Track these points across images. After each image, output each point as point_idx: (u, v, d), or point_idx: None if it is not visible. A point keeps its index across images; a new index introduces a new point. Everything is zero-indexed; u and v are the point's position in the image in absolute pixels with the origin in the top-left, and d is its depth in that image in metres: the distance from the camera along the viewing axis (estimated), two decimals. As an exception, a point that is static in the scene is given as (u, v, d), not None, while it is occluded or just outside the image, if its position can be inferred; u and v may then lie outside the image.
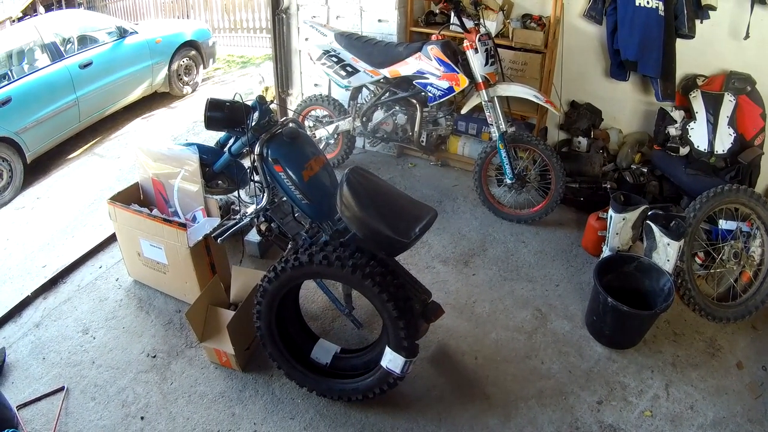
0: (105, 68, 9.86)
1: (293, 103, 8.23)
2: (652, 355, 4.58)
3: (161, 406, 4.36)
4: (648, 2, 5.71)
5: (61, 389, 4.56)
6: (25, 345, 5.07)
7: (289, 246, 4.40)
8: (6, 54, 8.96)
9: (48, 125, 8.95)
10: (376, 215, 3.52)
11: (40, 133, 8.86)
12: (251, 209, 4.39)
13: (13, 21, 15.54)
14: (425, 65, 5.76)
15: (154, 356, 4.81)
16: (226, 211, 5.55)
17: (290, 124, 4.30)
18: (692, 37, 5.79)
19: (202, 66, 12.21)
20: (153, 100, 11.46)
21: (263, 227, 4.42)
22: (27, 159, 8.67)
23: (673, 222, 4.79)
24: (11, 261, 6.43)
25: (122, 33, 10.37)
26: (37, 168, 8.99)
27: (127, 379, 4.62)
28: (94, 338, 5.06)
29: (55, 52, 9.25)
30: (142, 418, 4.29)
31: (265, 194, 4.25)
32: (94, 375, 4.68)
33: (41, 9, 15.64)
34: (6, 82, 8.56)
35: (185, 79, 11.84)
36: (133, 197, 5.47)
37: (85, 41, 9.93)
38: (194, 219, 5.12)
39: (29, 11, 15.81)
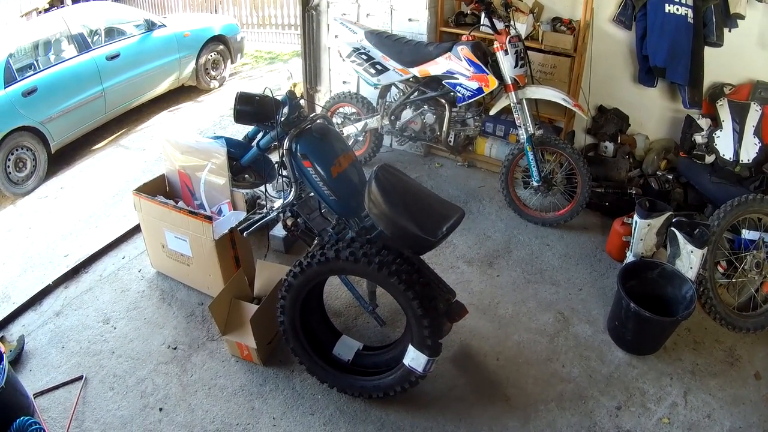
0: (132, 60, 9.92)
1: (321, 99, 8.23)
2: (672, 362, 4.55)
3: (180, 397, 4.37)
4: (677, 9, 5.69)
5: (80, 378, 4.58)
6: (45, 333, 5.10)
7: (315, 241, 4.40)
8: (32, 44, 9.00)
9: (73, 116, 9.00)
10: (403, 213, 3.51)
11: (66, 124, 8.92)
12: (278, 204, 4.38)
13: (40, 12, 15.61)
14: (455, 65, 5.75)
15: (175, 348, 4.82)
16: (252, 205, 5.56)
17: (319, 120, 4.30)
18: (720, 45, 5.78)
19: (229, 61, 12.23)
20: (180, 94, 11.49)
21: (289, 222, 4.41)
22: (51, 149, 8.74)
23: (697, 230, 4.76)
24: (33, 249, 6.47)
25: (150, 26, 10.42)
26: (62, 158, 9.03)
27: (146, 370, 4.63)
28: (115, 328, 5.09)
29: (83, 44, 9.30)
30: (160, 409, 4.30)
31: (293, 189, 4.24)
32: (114, 365, 4.70)
33: (68, 0, 15.69)
34: (32, 72, 8.63)
35: (212, 73, 11.87)
36: (159, 189, 5.48)
37: (112, 33, 9.99)
38: (220, 212, 5.12)
39: (56, 2, 15.86)
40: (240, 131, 5.99)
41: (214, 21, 12.26)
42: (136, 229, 6.18)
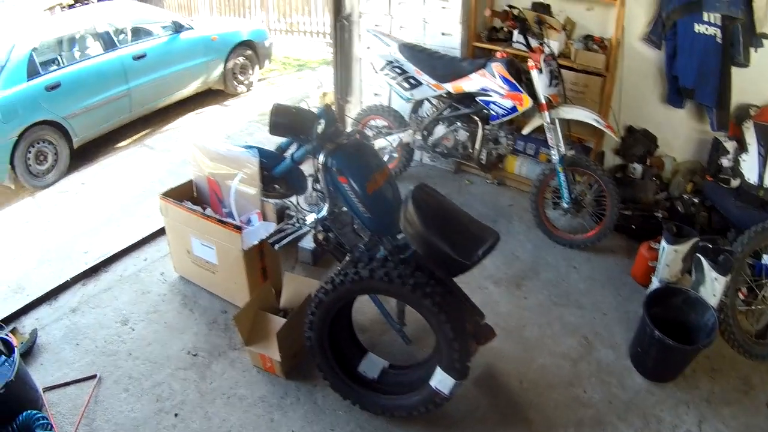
0: (159, 61, 9.96)
1: (351, 110, 8.19)
2: (690, 390, 4.51)
3: (197, 404, 4.35)
4: (707, 29, 5.64)
5: (93, 377, 4.57)
6: (59, 329, 5.10)
7: (347, 257, 4.36)
8: (56, 39, 9.09)
9: (97, 113, 9.05)
10: (439, 235, 3.46)
11: (89, 120, 8.97)
12: (310, 218, 4.34)
13: (64, 7, 15.63)
14: (489, 83, 5.72)
15: (195, 354, 4.80)
16: (281, 215, 5.53)
17: (356, 136, 4.27)
18: (747, 65, 5.72)
19: (257, 66, 12.22)
20: (206, 97, 11.52)
21: (321, 236, 4.38)
22: (74, 144, 8.79)
23: (722, 256, 4.72)
24: (51, 243, 6.49)
25: (178, 27, 10.44)
26: (84, 154, 9.07)
27: (164, 374, 4.61)
28: (133, 330, 5.08)
29: (108, 42, 9.36)
30: (176, 414, 4.28)
31: (326, 204, 4.19)
32: (130, 366, 4.69)
33: (93, -3, 15.72)
34: (56, 67, 8.69)
35: (240, 78, 11.87)
36: (186, 194, 5.47)
37: (138, 33, 10.05)
38: (249, 222, 5.10)
39: (81, -1, 15.90)
40: (269, 139, 5.95)
41: (243, 25, 12.33)
42: (160, 232, 6.17)
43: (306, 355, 4.27)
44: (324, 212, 4.20)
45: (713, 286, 4.68)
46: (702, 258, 4.78)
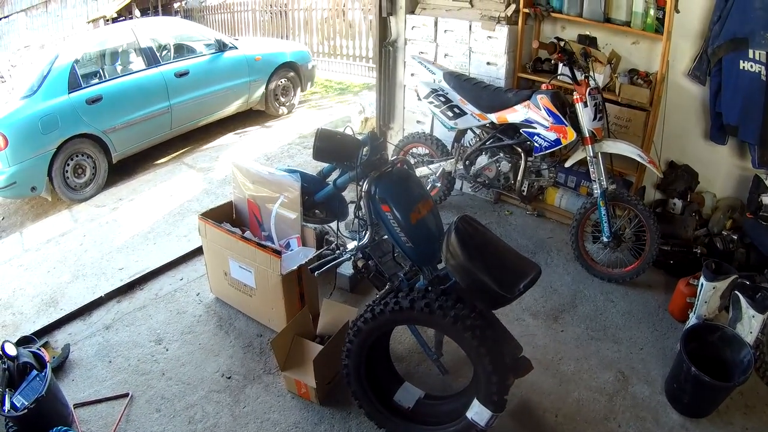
0: (201, 79, 10.04)
1: (393, 137, 8.23)
2: (723, 426, 4.43)
3: (230, 428, 4.33)
4: (752, 66, 5.59)
5: (126, 395, 4.58)
6: (92, 345, 5.13)
7: (387, 286, 4.33)
8: (99, 52, 9.17)
9: (138, 129, 9.14)
10: (482, 267, 3.45)
11: (129, 136, 9.06)
12: (351, 245, 4.33)
13: (108, 21, 15.84)
14: (534, 114, 5.71)
15: (229, 377, 4.79)
16: (319, 240, 5.53)
17: (400, 164, 4.26)
18: (791, 103, 5.68)
19: (299, 88, 12.29)
20: (247, 117, 11.62)
21: (361, 264, 4.33)
22: (113, 159, 8.88)
23: (760, 294, 4.68)
24: (86, 257, 6.54)
25: (221, 46, 10.55)
26: (123, 169, 9.16)
27: (197, 396, 4.60)
28: (167, 350, 5.09)
29: (151, 58, 9.46)
30: (208, 437, 4.25)
31: (368, 232, 4.17)
32: (163, 387, 4.69)
33: (137, 12, 15.93)
34: (97, 81, 8.78)
35: (282, 99, 11.95)
36: (226, 215, 5.50)
37: (182, 50, 10.15)
38: (288, 246, 5.11)
39: (124, 13, 16.11)
40: (309, 162, 5.96)
41: (286, 47, 12.39)
42: (197, 252, 6.20)
43: (341, 382, 4.26)
44: (365, 240, 4.18)
45: (750, 324, 4.64)
46: (740, 295, 4.74)
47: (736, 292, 4.80)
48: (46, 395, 3.94)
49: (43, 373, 4.10)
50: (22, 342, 4.88)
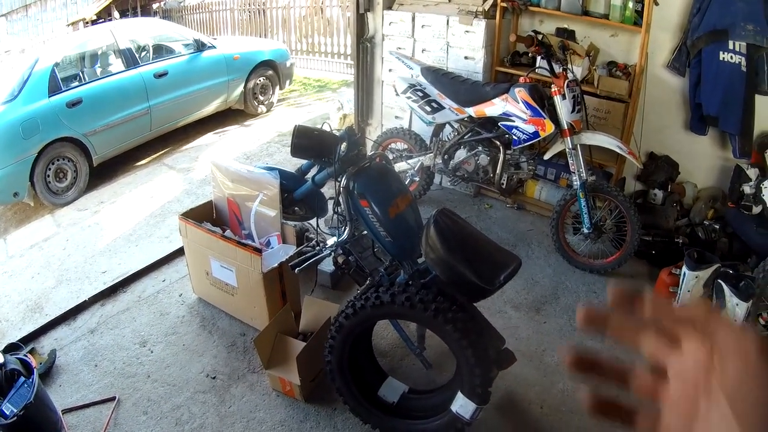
0: (180, 80, 10.02)
1: (372, 133, 8.25)
2: (707, 412, 4.45)
3: (217, 428, 4.31)
4: (731, 57, 5.64)
5: (112, 399, 4.55)
6: (78, 350, 5.10)
7: (367, 281, 4.35)
8: (79, 55, 9.15)
9: (118, 131, 9.12)
10: (461, 260, 3.45)
11: (109, 138, 9.04)
12: (331, 241, 4.33)
13: (87, 23, 15.78)
14: (512, 108, 5.72)
15: (214, 377, 4.77)
16: (300, 238, 5.53)
17: (379, 159, 4.26)
18: (772, 93, 5.72)
19: (278, 86, 12.31)
20: (227, 116, 11.61)
21: (341, 260, 4.34)
22: (93, 161, 8.87)
23: (743, 282, 4.72)
24: (70, 262, 6.52)
25: (200, 46, 10.54)
26: (103, 172, 9.13)
27: (183, 397, 4.58)
28: (152, 352, 5.06)
29: (130, 59, 9.44)
30: (195, 438, 4.24)
31: (347, 228, 4.18)
32: (149, 389, 4.67)
33: (116, 14, 15.89)
34: (77, 83, 8.76)
35: (261, 98, 11.95)
36: (206, 215, 5.48)
37: (160, 51, 10.14)
38: (269, 244, 5.10)
39: (103, 15, 16.06)
40: (288, 159, 5.95)
41: (264, 45, 12.43)
42: (179, 253, 6.18)
43: (326, 379, 4.25)
44: (344, 236, 4.18)
45: (734, 312, 4.66)
46: (723, 284, 4.77)
47: (719, 280, 4.83)
48: (35, 402, 3.92)
49: (30, 380, 4.07)
50: (9, 349, 4.86)
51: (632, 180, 6.87)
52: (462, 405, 3.67)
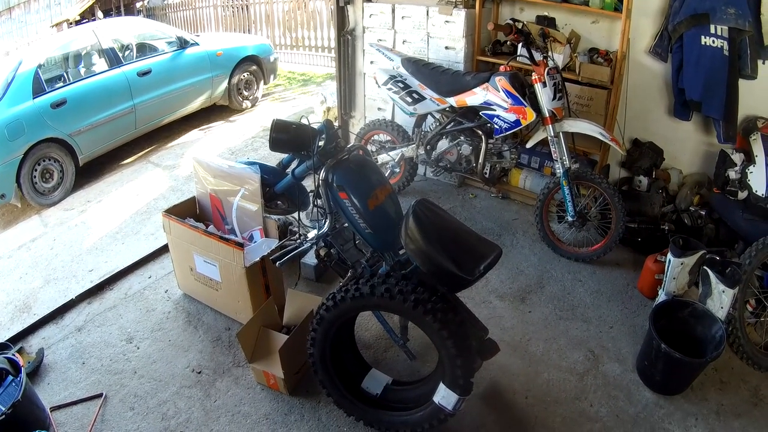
0: (164, 77, 10.00)
1: (355, 125, 8.25)
2: (698, 402, 4.47)
3: (202, 422, 4.33)
4: (713, 41, 5.62)
5: (99, 396, 4.57)
6: (65, 348, 5.11)
7: (349, 273, 4.34)
8: (62, 56, 9.14)
9: (103, 130, 9.10)
10: (441, 250, 3.44)
11: (95, 138, 9.01)
12: (312, 234, 4.33)
13: (71, 24, 15.75)
14: (493, 96, 5.71)
15: (200, 372, 4.78)
16: (284, 232, 5.52)
17: (357, 151, 4.25)
18: (755, 77, 5.72)
19: (262, 81, 12.32)
20: (211, 113, 11.60)
21: (323, 252, 4.34)
22: (79, 161, 8.85)
23: (729, 268, 4.69)
24: (57, 261, 6.51)
25: (183, 43, 10.51)
26: (90, 171, 9.10)
27: (169, 392, 4.60)
28: (138, 348, 5.07)
29: (114, 58, 9.42)
30: (181, 432, 4.25)
31: (328, 220, 4.18)
32: (135, 385, 4.68)
33: (99, 14, 15.87)
34: (61, 84, 8.74)
35: (245, 93, 11.96)
36: (189, 211, 5.49)
37: (144, 49, 10.11)
38: (251, 238, 5.11)
39: (87, 15, 16.04)
40: (273, 155, 5.96)
41: (248, 41, 12.40)
42: (164, 249, 6.20)
43: (310, 372, 4.25)
44: (325, 228, 4.19)
45: (721, 299, 4.64)
46: (709, 270, 4.75)
47: (705, 267, 4.81)
48: (22, 400, 3.91)
49: (18, 378, 4.07)
50: (-3, 349, 4.86)
51: (617, 167, 6.86)
52: (444, 396, 3.68)
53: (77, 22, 15.49)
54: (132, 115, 9.50)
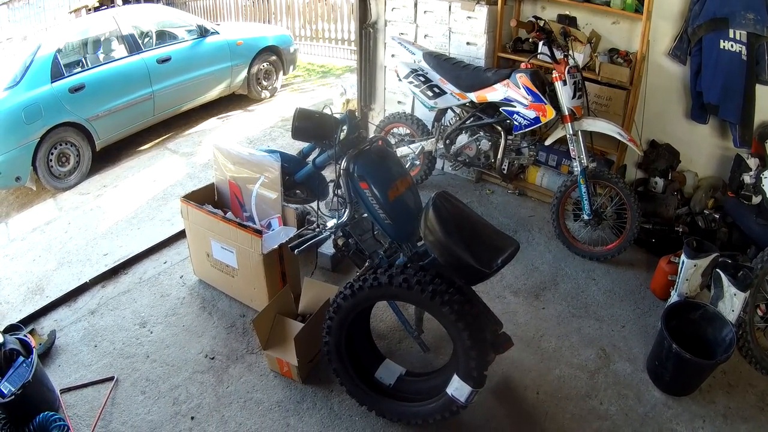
0: (183, 65, 10.01)
1: (374, 118, 8.25)
2: (706, 404, 4.47)
3: (214, 408, 4.35)
4: (732, 46, 5.61)
5: (111, 379, 4.59)
6: (78, 330, 5.14)
7: (366, 264, 4.35)
8: (81, 41, 9.16)
9: (121, 116, 9.11)
10: (459, 242, 3.47)
11: (112, 123, 9.03)
12: (331, 223, 4.34)
13: (90, 9, 15.76)
14: (513, 93, 5.73)
15: (213, 358, 4.81)
16: (302, 221, 5.54)
17: (379, 142, 4.27)
18: (772, 83, 5.71)
19: (281, 72, 12.32)
20: (230, 102, 11.60)
21: (341, 242, 4.36)
22: (96, 146, 8.86)
23: (741, 272, 4.70)
24: (71, 245, 6.54)
25: (203, 32, 10.50)
26: (106, 156, 9.13)
27: (181, 377, 4.62)
28: (152, 333, 5.10)
29: (133, 45, 9.42)
30: (192, 418, 4.29)
31: (347, 210, 4.19)
32: (147, 369, 4.71)
33: (119, 0, 15.84)
34: (80, 69, 8.76)
35: (264, 83, 11.96)
36: (208, 197, 5.50)
37: (163, 37, 10.12)
38: (269, 226, 5.11)
39: (106, 1, 16.04)
40: (291, 144, 5.98)
41: (268, 31, 12.37)
42: (180, 235, 6.21)
43: (323, 360, 4.27)
44: (344, 218, 4.19)
45: (732, 302, 4.66)
46: (721, 273, 4.76)
47: (718, 270, 4.82)
48: (33, 381, 3.95)
49: (29, 360, 4.10)
50: (9, 330, 4.85)
51: (633, 168, 6.86)
52: (457, 388, 3.70)
53: (96, 8, 15.49)
54: (150, 101, 9.52)
